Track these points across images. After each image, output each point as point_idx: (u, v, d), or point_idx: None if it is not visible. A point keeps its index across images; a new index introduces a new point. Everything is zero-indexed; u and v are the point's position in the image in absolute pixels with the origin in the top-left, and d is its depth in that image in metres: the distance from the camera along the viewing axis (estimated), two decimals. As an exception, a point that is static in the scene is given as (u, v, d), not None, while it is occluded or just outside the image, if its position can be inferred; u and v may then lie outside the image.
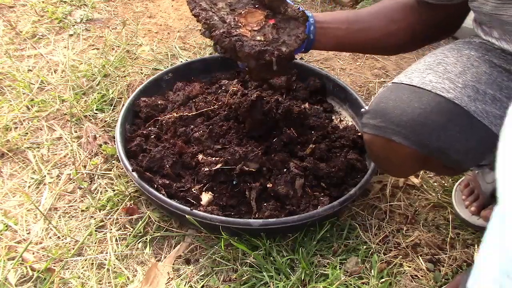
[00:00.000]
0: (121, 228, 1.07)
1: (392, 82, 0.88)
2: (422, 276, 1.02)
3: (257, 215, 1.03)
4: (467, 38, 0.94)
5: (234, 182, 1.06)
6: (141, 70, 1.53)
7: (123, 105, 1.27)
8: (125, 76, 1.49)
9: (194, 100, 1.26)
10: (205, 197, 1.04)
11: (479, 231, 1.12)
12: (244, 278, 0.97)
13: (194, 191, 1.06)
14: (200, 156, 1.10)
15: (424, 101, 0.80)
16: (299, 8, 0.90)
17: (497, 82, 0.83)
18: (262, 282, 0.96)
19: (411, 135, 0.80)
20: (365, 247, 1.05)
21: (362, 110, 0.90)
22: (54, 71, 1.49)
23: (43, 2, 1.80)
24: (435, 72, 0.84)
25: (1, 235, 1.03)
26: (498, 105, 0.81)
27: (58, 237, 1.04)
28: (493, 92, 0.82)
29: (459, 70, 0.83)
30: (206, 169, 1.07)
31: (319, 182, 1.11)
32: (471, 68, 0.84)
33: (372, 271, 1.00)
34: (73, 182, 1.16)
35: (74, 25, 1.71)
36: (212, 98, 1.26)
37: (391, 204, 1.17)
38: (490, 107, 0.80)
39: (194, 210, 0.99)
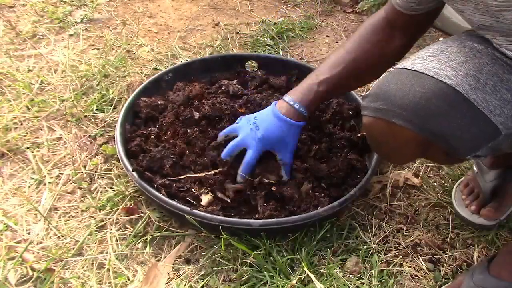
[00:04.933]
0: (121, 228, 1.07)
1: (395, 68, 0.89)
2: (422, 276, 1.02)
3: (257, 215, 1.03)
4: (468, 31, 0.95)
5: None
6: (141, 70, 1.53)
7: (123, 105, 1.27)
8: (125, 76, 1.49)
9: (200, 105, 1.23)
10: (205, 198, 1.04)
11: (479, 230, 1.12)
12: (244, 278, 0.97)
13: (194, 192, 1.06)
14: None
15: (426, 85, 0.80)
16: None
17: (498, 74, 0.84)
18: (262, 282, 0.96)
19: (412, 118, 0.80)
20: (365, 247, 1.05)
21: (363, 94, 0.90)
22: (54, 71, 1.49)
23: (43, 2, 1.80)
24: (438, 59, 0.84)
25: (1, 235, 1.03)
26: (498, 96, 0.82)
27: (58, 237, 1.04)
28: (493, 83, 0.82)
29: (461, 59, 0.84)
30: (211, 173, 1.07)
31: (319, 182, 1.11)
32: (473, 59, 0.84)
33: (372, 271, 1.00)
34: (74, 183, 1.16)
35: (74, 25, 1.71)
36: (215, 102, 1.24)
37: (391, 204, 1.17)
38: (490, 97, 0.81)
39: (194, 210, 0.99)
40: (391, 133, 0.85)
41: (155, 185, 1.05)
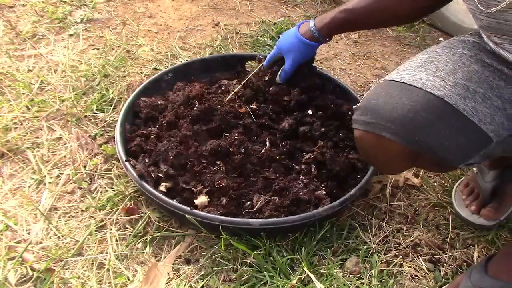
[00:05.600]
0: (121, 228, 1.07)
1: (384, 79, 0.89)
2: (422, 276, 1.02)
3: (257, 215, 1.03)
4: (461, 36, 0.94)
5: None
6: (141, 70, 1.53)
7: (123, 105, 1.27)
8: (125, 76, 1.49)
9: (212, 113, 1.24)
10: (201, 199, 1.04)
11: (479, 230, 1.12)
12: (244, 278, 0.97)
13: (194, 191, 1.06)
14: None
15: (414, 98, 0.80)
16: None
17: (488, 81, 0.83)
18: (262, 282, 0.96)
19: (401, 131, 0.80)
20: (365, 247, 1.05)
21: (354, 106, 0.91)
22: (54, 71, 1.49)
23: (43, 2, 1.80)
24: (426, 69, 0.84)
25: (1, 235, 1.03)
26: (489, 103, 0.82)
27: (58, 237, 1.04)
28: (483, 90, 0.82)
29: (450, 69, 0.84)
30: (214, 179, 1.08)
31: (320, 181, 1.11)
32: (463, 67, 0.84)
33: (372, 271, 1.00)
34: (74, 183, 1.16)
35: (74, 25, 1.71)
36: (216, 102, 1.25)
37: (391, 204, 1.17)
38: (480, 105, 0.81)
39: (194, 210, 0.99)
40: (380, 146, 0.85)
41: (153, 176, 1.06)
